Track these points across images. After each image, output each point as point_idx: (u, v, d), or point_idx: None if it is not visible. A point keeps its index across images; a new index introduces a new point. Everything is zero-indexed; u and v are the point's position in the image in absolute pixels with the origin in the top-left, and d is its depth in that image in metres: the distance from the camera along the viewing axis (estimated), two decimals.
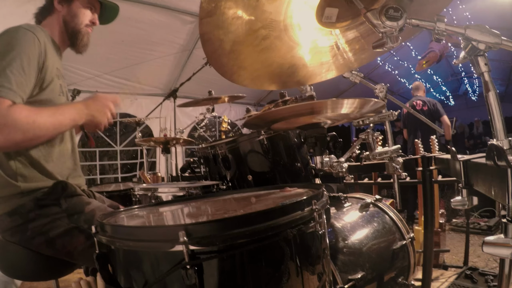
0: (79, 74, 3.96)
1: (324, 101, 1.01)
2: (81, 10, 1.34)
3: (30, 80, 1.11)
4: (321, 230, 0.77)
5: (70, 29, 1.34)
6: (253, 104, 6.27)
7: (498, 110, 0.70)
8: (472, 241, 3.08)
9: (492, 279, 2.19)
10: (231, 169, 1.73)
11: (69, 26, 1.34)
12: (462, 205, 0.85)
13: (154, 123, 4.82)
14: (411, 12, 0.85)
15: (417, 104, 4.23)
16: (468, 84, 10.13)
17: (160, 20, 3.65)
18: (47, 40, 1.22)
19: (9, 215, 1.15)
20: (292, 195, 1.03)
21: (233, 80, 1.24)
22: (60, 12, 1.33)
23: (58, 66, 1.29)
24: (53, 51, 1.27)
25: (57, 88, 1.25)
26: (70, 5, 1.33)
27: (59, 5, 1.33)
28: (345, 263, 1.21)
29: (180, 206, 1.12)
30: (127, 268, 0.72)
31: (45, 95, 1.19)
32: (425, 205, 1.74)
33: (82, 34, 1.36)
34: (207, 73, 2.57)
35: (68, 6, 1.33)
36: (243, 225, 0.65)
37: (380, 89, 1.52)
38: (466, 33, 0.72)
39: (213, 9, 1.00)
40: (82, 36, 1.36)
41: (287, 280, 0.69)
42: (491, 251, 0.64)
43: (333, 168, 1.19)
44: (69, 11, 1.33)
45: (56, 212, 1.18)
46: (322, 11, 1.09)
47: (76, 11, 1.34)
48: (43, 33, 1.21)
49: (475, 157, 0.88)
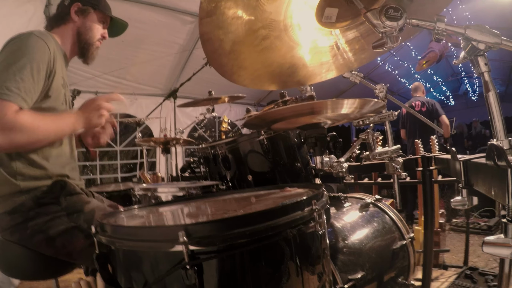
0: (79, 74, 3.96)
1: (324, 101, 1.01)
2: (95, 24, 1.38)
3: (38, 87, 1.13)
4: (321, 230, 0.77)
5: (83, 41, 1.37)
6: (253, 104, 6.27)
7: (498, 110, 0.70)
8: (472, 241, 3.07)
9: (492, 279, 2.19)
10: (231, 169, 1.73)
11: (83, 38, 1.37)
12: (462, 205, 0.85)
13: (154, 123, 4.82)
14: (411, 12, 0.85)
15: (416, 105, 4.22)
16: (468, 84, 10.14)
17: (160, 20, 3.65)
18: (57, 49, 1.25)
19: (9, 213, 1.15)
20: (292, 195, 1.03)
21: (233, 80, 1.24)
22: (75, 23, 1.36)
23: (63, 75, 1.32)
24: (61, 60, 1.30)
25: (61, 96, 1.28)
26: (85, 18, 1.37)
27: (76, 16, 1.35)
28: (345, 263, 1.21)
29: (180, 206, 1.12)
30: (127, 268, 0.72)
31: (49, 102, 1.21)
32: (425, 205, 1.74)
33: (93, 48, 1.40)
34: (207, 73, 2.57)
35: (84, 18, 1.36)
36: (243, 225, 0.65)
37: (380, 89, 1.51)
38: (466, 33, 0.72)
39: (213, 9, 1.00)
40: (94, 49, 1.40)
41: (287, 280, 0.69)
42: (491, 251, 0.64)
43: (333, 168, 1.19)
44: (84, 23, 1.37)
45: (55, 211, 1.18)
46: (322, 11, 1.09)
47: (91, 25, 1.37)
48: (53, 42, 1.24)
49: (475, 157, 0.88)
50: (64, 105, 1.31)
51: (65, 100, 1.31)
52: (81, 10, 1.35)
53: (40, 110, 1.17)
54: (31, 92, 1.09)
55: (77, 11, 1.35)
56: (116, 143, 4.98)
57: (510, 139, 0.68)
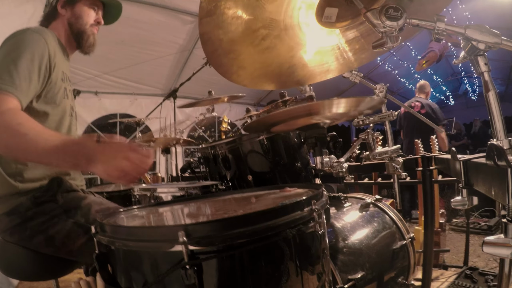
0: (79, 74, 3.96)
1: (320, 102, 1.02)
2: (84, 11, 1.36)
3: (34, 80, 1.11)
4: (321, 230, 0.77)
5: (75, 30, 1.35)
6: (253, 104, 6.27)
7: (498, 110, 0.70)
8: (472, 241, 3.07)
9: (492, 279, 2.19)
10: (231, 169, 1.73)
11: (74, 27, 1.35)
12: (462, 205, 0.85)
13: (154, 123, 4.82)
14: (411, 12, 0.85)
15: (415, 105, 4.13)
16: (468, 84, 10.13)
17: (160, 20, 3.65)
18: (55, 43, 1.24)
19: (7, 215, 1.15)
20: (292, 195, 1.03)
21: (232, 80, 1.24)
22: (64, 16, 1.35)
23: (64, 70, 1.31)
24: (61, 54, 1.29)
25: (61, 90, 1.27)
26: (73, 8, 1.35)
27: (63, 9, 1.34)
28: (345, 263, 1.21)
29: (180, 206, 1.12)
30: (127, 268, 0.72)
31: (49, 96, 1.20)
32: (425, 205, 1.74)
33: (87, 34, 1.37)
34: (207, 73, 2.58)
35: (71, 9, 1.35)
36: (242, 225, 0.65)
37: (380, 89, 1.51)
38: (466, 33, 0.72)
39: (213, 9, 1.00)
40: (88, 36, 1.37)
41: (286, 280, 0.69)
42: (491, 251, 0.64)
43: (333, 168, 1.19)
44: (73, 13, 1.35)
45: (53, 209, 1.18)
46: (322, 11, 1.09)
47: (80, 13, 1.35)
48: (51, 35, 1.23)
49: (475, 157, 0.88)
50: (66, 100, 1.30)
51: (66, 95, 1.30)
52: (66, 2, 1.34)
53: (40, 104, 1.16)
54: (26, 84, 1.06)
55: (63, 5, 1.34)
56: None
57: (510, 139, 0.68)
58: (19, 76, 1.05)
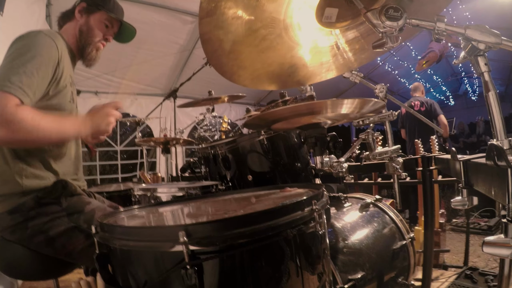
0: (79, 74, 3.96)
1: (324, 101, 1.01)
2: (98, 24, 1.37)
3: (42, 83, 1.12)
4: (321, 230, 0.77)
5: (83, 40, 1.37)
6: (253, 104, 6.26)
7: (498, 110, 0.70)
8: (472, 241, 3.07)
9: (492, 279, 2.19)
10: (231, 169, 1.73)
11: (83, 37, 1.36)
12: (462, 205, 0.85)
13: (154, 123, 4.82)
14: (411, 12, 0.85)
15: (415, 104, 4.24)
16: (468, 84, 10.13)
17: (160, 20, 3.65)
18: (64, 48, 1.25)
19: (9, 213, 1.15)
20: (292, 195, 1.03)
21: (233, 80, 1.24)
22: (78, 21, 1.36)
23: (71, 74, 1.32)
24: (69, 59, 1.30)
25: (68, 94, 1.27)
26: (88, 16, 1.36)
27: (79, 14, 1.36)
28: (345, 263, 1.21)
29: (180, 207, 1.12)
30: (127, 268, 0.72)
31: (56, 100, 1.21)
32: (425, 205, 1.74)
33: (91, 47, 1.38)
34: (207, 73, 2.57)
35: (87, 17, 1.36)
36: (243, 225, 0.65)
37: (380, 89, 1.51)
38: (466, 33, 0.72)
39: (213, 9, 1.00)
40: (91, 49, 1.38)
41: (287, 280, 0.69)
42: (491, 251, 0.64)
43: (333, 168, 1.19)
44: (87, 22, 1.36)
45: (56, 211, 1.18)
46: (322, 11, 1.09)
47: (93, 24, 1.36)
48: (62, 40, 1.24)
49: (475, 157, 0.88)
50: (72, 104, 1.30)
51: (72, 99, 1.31)
52: (85, 9, 1.35)
53: (48, 108, 1.17)
54: (33, 86, 1.07)
55: (81, 10, 1.35)
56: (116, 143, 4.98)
57: (510, 139, 0.68)
58: (27, 80, 1.05)
